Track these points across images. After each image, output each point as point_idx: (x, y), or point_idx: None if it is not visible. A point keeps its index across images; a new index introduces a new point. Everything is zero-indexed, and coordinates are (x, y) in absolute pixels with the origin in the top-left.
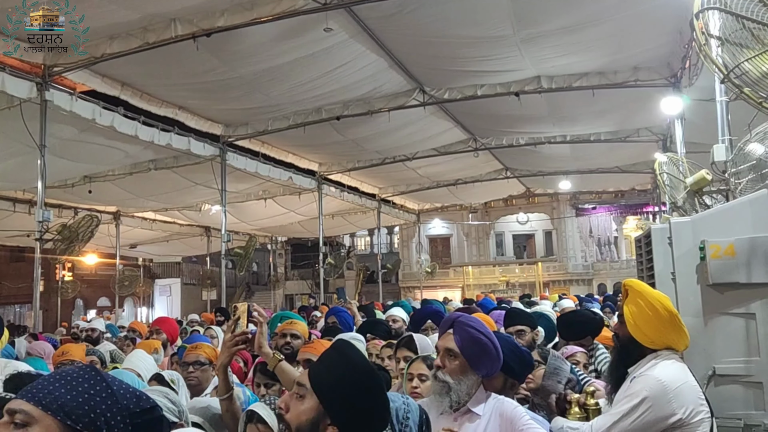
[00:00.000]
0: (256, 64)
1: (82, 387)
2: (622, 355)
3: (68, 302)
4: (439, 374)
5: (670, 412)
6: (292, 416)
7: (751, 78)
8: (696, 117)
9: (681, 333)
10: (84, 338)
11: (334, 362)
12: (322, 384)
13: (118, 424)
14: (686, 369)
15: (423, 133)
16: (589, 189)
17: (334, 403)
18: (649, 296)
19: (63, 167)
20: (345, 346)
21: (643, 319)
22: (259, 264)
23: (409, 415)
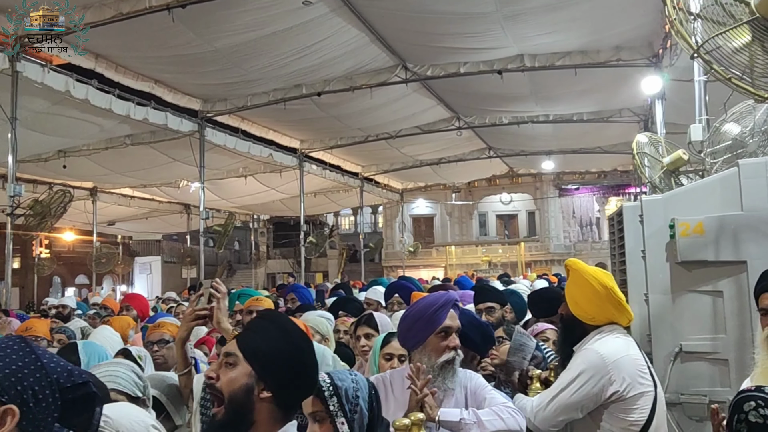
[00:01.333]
0: (232, 37)
1: (10, 358)
2: (567, 333)
3: (45, 279)
4: (460, 353)
5: (607, 384)
6: (224, 384)
7: (721, 54)
8: (677, 97)
9: (620, 308)
10: (54, 315)
11: (263, 329)
12: (254, 350)
13: (47, 398)
14: (629, 343)
15: (406, 111)
16: (572, 169)
17: (267, 368)
18: (585, 274)
19: (36, 141)
20: (272, 314)
21: (582, 297)
22: (240, 242)
23: (358, 394)
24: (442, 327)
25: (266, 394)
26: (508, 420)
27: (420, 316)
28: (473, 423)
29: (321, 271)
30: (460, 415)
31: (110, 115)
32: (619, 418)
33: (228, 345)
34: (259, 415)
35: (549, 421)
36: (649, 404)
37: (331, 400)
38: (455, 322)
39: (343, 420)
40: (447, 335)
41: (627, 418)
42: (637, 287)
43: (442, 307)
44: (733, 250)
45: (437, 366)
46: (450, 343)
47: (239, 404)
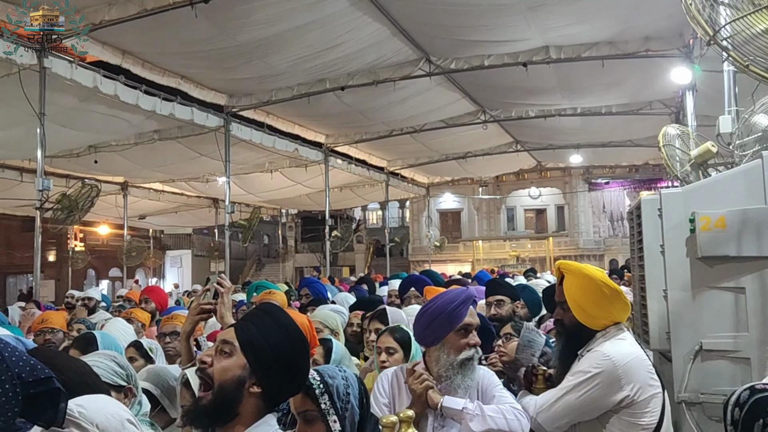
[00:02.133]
0: (255, 31)
1: None
2: (571, 341)
3: (80, 272)
4: (479, 351)
5: (618, 389)
6: (217, 371)
7: (739, 40)
8: (708, 89)
9: (623, 305)
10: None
11: (263, 323)
12: (251, 344)
13: (6, 393)
14: (634, 343)
15: (430, 105)
16: (601, 163)
17: (262, 364)
18: (591, 277)
19: (66, 136)
20: (272, 308)
21: (589, 301)
22: (269, 236)
23: (349, 391)
24: (462, 324)
25: (256, 389)
26: (512, 421)
27: (440, 313)
28: (476, 415)
29: (348, 265)
30: (462, 405)
31: (137, 110)
32: (630, 423)
33: (225, 332)
34: (244, 408)
35: (552, 422)
36: (659, 406)
37: (323, 398)
38: (475, 319)
39: (335, 418)
40: (467, 332)
41: (639, 422)
42: (655, 283)
43: (462, 303)
44: (756, 245)
45: (457, 363)
46: (470, 340)
47: (228, 395)
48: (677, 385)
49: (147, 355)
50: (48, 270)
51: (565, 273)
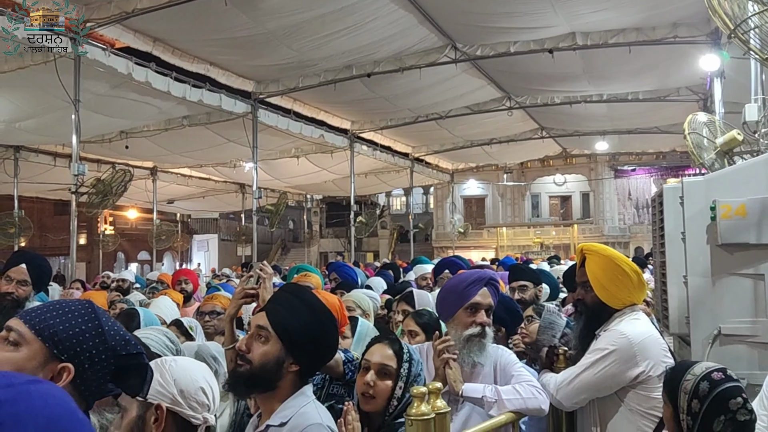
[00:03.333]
0: (283, 18)
1: (76, 321)
2: (592, 320)
3: (110, 255)
4: (489, 330)
5: (633, 365)
6: (256, 356)
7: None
8: (737, 75)
9: (642, 287)
10: (115, 288)
11: (292, 306)
12: (285, 328)
13: (102, 362)
14: (649, 322)
15: (456, 91)
16: (628, 150)
17: (297, 344)
18: (616, 259)
19: (98, 122)
20: (298, 289)
21: (612, 282)
22: (295, 222)
23: (421, 371)
24: (470, 303)
25: (294, 367)
26: (529, 400)
27: (452, 291)
28: (494, 402)
29: (372, 250)
30: (482, 392)
31: (167, 96)
32: (646, 397)
33: (259, 317)
34: (283, 383)
35: (571, 398)
36: None
37: (404, 365)
38: (486, 299)
39: (402, 385)
40: (475, 311)
41: (653, 395)
42: (676, 269)
43: (473, 283)
44: None
45: (463, 339)
46: (477, 318)
47: (269, 374)
48: None
49: (187, 333)
50: (79, 252)
51: (587, 254)
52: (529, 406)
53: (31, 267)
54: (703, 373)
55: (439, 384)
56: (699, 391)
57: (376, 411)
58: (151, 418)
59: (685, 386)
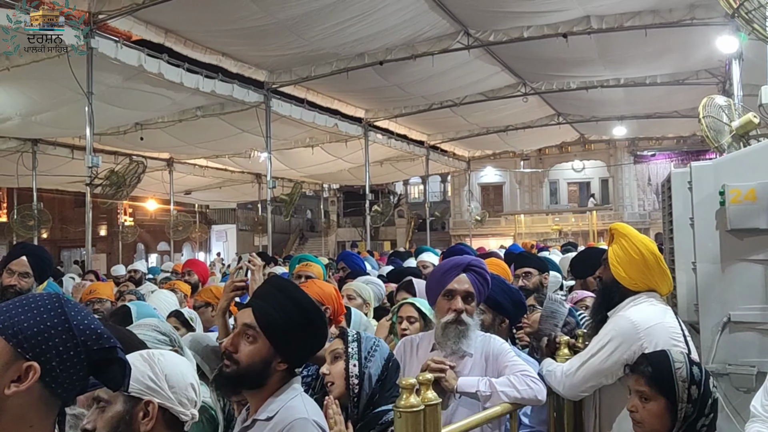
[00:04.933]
0: (294, 8)
1: (41, 317)
2: (605, 297)
3: (130, 246)
4: (464, 318)
5: (638, 351)
6: (243, 356)
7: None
8: (756, 57)
9: (665, 276)
10: (127, 279)
11: (278, 302)
12: (272, 326)
13: (71, 358)
14: (666, 311)
15: (469, 78)
16: (647, 135)
17: (285, 342)
18: (634, 239)
19: (113, 114)
20: (283, 284)
21: (627, 261)
22: (312, 211)
23: (377, 350)
24: (446, 289)
25: (282, 365)
26: (524, 390)
27: (433, 278)
28: (489, 394)
29: (389, 239)
30: (476, 387)
31: (180, 87)
32: None
33: (244, 314)
34: (271, 380)
35: (578, 387)
36: None
37: (352, 344)
38: (462, 285)
39: (356, 363)
40: (451, 298)
41: None
42: (684, 256)
43: (449, 270)
44: None
45: (441, 326)
46: (452, 305)
47: (257, 373)
48: (705, 357)
49: (188, 324)
50: (99, 244)
51: (614, 233)
52: (524, 397)
53: (32, 259)
54: (686, 358)
55: (429, 375)
56: (694, 377)
57: (342, 394)
58: (139, 413)
59: (680, 375)
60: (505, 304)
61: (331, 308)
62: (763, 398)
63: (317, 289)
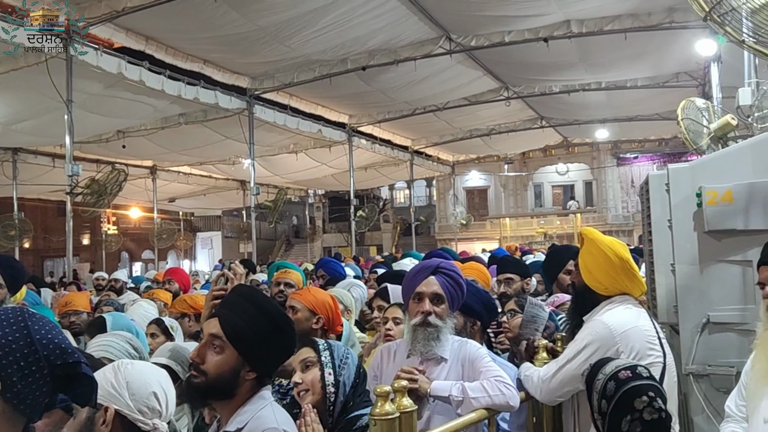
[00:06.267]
0: (274, 15)
1: (2, 331)
2: (578, 303)
3: (114, 255)
4: (431, 320)
5: (613, 355)
6: (211, 367)
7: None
8: (734, 60)
9: (634, 279)
10: (108, 288)
11: (245, 311)
12: (239, 336)
13: (33, 374)
14: (640, 314)
15: (452, 82)
16: (629, 137)
17: (253, 352)
18: (601, 243)
19: (94, 122)
20: (250, 293)
21: (596, 266)
22: (298, 217)
23: (348, 356)
24: (415, 292)
25: (251, 375)
26: (496, 396)
27: (405, 281)
28: (461, 399)
29: (375, 244)
30: (449, 391)
31: (162, 95)
32: None
33: (211, 325)
34: (240, 390)
35: (555, 392)
36: (657, 375)
37: (324, 353)
38: (430, 288)
39: (331, 371)
40: (420, 300)
41: None
42: (663, 257)
43: (418, 272)
44: (763, 219)
45: (411, 328)
46: (420, 308)
47: (224, 384)
48: (685, 358)
49: (168, 332)
50: (83, 253)
51: (584, 239)
52: (496, 402)
53: (3, 269)
54: (612, 372)
55: (404, 382)
56: (606, 391)
57: (318, 403)
58: (99, 419)
59: (596, 386)
60: (474, 306)
61: (324, 317)
62: (737, 398)
63: (311, 297)
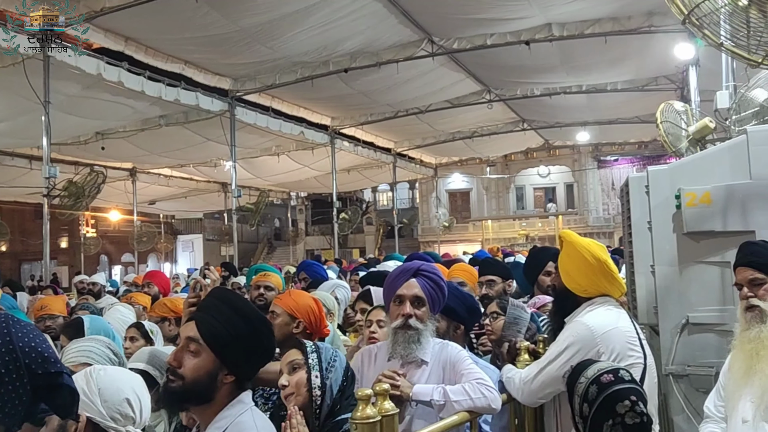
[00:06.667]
0: (256, 16)
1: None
2: (559, 305)
3: (93, 258)
4: (412, 322)
5: (595, 356)
6: (188, 371)
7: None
8: (712, 63)
9: (612, 280)
10: (86, 292)
11: (221, 313)
12: (216, 339)
13: (13, 382)
14: (620, 315)
15: (434, 85)
16: (610, 140)
17: (230, 354)
18: (578, 245)
19: (72, 124)
20: (227, 295)
21: (574, 268)
22: (280, 219)
23: (336, 360)
24: (396, 295)
25: (229, 378)
26: (478, 399)
27: (385, 285)
28: (443, 403)
29: (358, 246)
30: (431, 395)
31: (141, 96)
32: None
33: (188, 328)
34: (219, 394)
35: (536, 393)
36: (637, 376)
37: (311, 355)
38: (410, 291)
39: (317, 374)
40: (400, 303)
41: None
42: (643, 259)
43: (398, 275)
44: (741, 220)
45: (391, 331)
46: (401, 310)
47: (202, 387)
48: (664, 358)
49: (147, 336)
50: (61, 256)
51: (563, 240)
52: (478, 405)
53: None
54: (594, 375)
55: (386, 385)
56: (588, 395)
57: (305, 405)
58: (71, 427)
59: (578, 389)
60: (458, 310)
61: (305, 322)
62: (716, 399)
63: (291, 302)
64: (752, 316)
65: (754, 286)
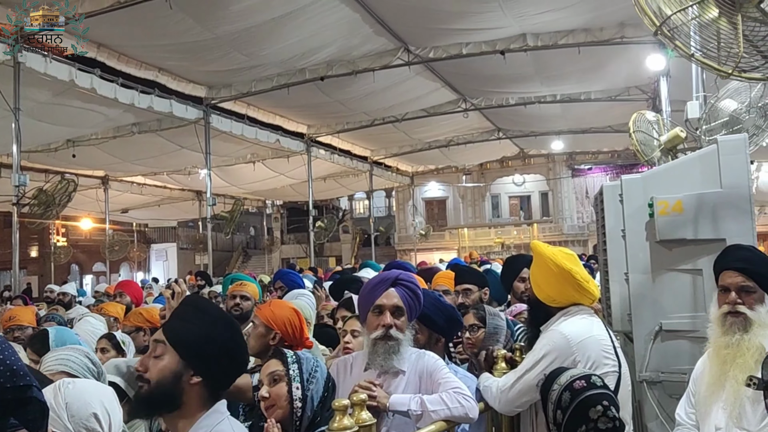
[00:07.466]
0: (231, 23)
1: None
2: (533, 316)
3: (63, 267)
4: (393, 333)
5: (571, 365)
6: (153, 374)
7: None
8: (682, 74)
9: (581, 289)
10: (56, 302)
11: (188, 316)
12: (179, 338)
13: None
14: (595, 323)
15: (411, 94)
16: (584, 149)
17: (194, 354)
18: (543, 255)
19: (42, 131)
20: (196, 299)
21: (542, 279)
22: (255, 228)
23: (317, 370)
24: (375, 305)
25: (196, 379)
26: (455, 409)
27: (362, 294)
28: (420, 413)
29: (334, 255)
30: (408, 405)
31: (114, 103)
32: None
33: (156, 334)
34: (188, 398)
35: (513, 402)
36: (612, 384)
37: (292, 366)
38: (390, 300)
39: (298, 385)
40: (380, 313)
41: None
42: (617, 267)
43: (377, 285)
44: (712, 228)
45: (370, 342)
46: (381, 321)
47: (166, 389)
48: (639, 365)
49: (119, 347)
50: (31, 266)
51: (533, 252)
52: (455, 415)
53: None
54: (566, 382)
55: (363, 395)
56: (562, 402)
57: (285, 418)
58: None
59: (551, 396)
60: (440, 322)
61: (281, 332)
62: (686, 406)
63: (268, 312)
64: (734, 321)
65: (743, 293)
